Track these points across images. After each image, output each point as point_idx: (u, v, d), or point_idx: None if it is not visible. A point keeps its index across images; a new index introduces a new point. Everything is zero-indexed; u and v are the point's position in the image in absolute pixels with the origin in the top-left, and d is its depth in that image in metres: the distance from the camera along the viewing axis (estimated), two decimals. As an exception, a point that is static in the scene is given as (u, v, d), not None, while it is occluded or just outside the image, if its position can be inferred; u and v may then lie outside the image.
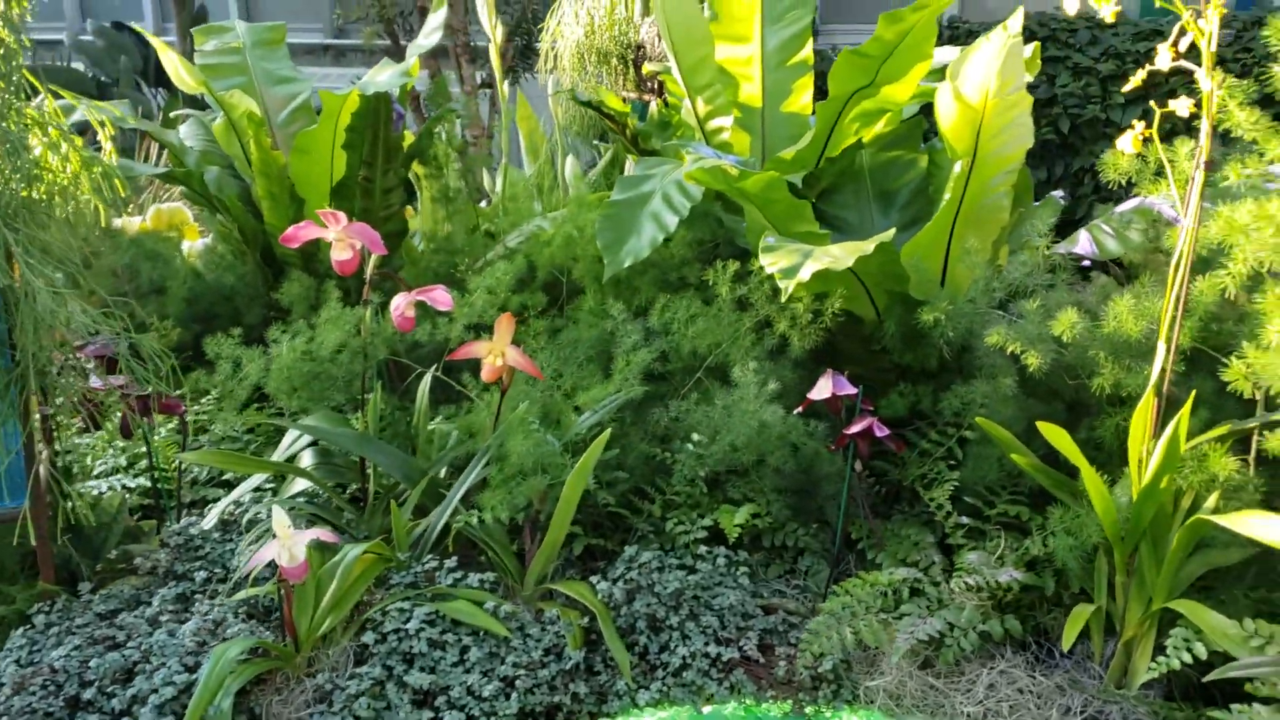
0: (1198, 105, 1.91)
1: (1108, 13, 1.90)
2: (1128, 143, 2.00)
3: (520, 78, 6.53)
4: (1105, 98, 5.57)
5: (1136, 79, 2.02)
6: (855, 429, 2.29)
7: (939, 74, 3.21)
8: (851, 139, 3.01)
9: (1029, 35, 5.73)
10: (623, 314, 2.69)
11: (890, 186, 3.09)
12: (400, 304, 2.43)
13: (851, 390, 2.34)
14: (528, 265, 2.97)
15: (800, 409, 2.43)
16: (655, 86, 3.66)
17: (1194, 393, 1.97)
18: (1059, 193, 3.02)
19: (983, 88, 2.43)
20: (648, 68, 3.63)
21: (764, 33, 3.23)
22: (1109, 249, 2.62)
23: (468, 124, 5.86)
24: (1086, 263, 2.71)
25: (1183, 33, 1.90)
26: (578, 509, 2.30)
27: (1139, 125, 1.97)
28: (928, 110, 3.00)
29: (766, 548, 2.50)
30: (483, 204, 4.02)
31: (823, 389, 2.34)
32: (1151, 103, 2.02)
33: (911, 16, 2.66)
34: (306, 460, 2.63)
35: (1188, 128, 2.03)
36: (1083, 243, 2.69)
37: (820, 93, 3.12)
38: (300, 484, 2.59)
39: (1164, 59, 1.92)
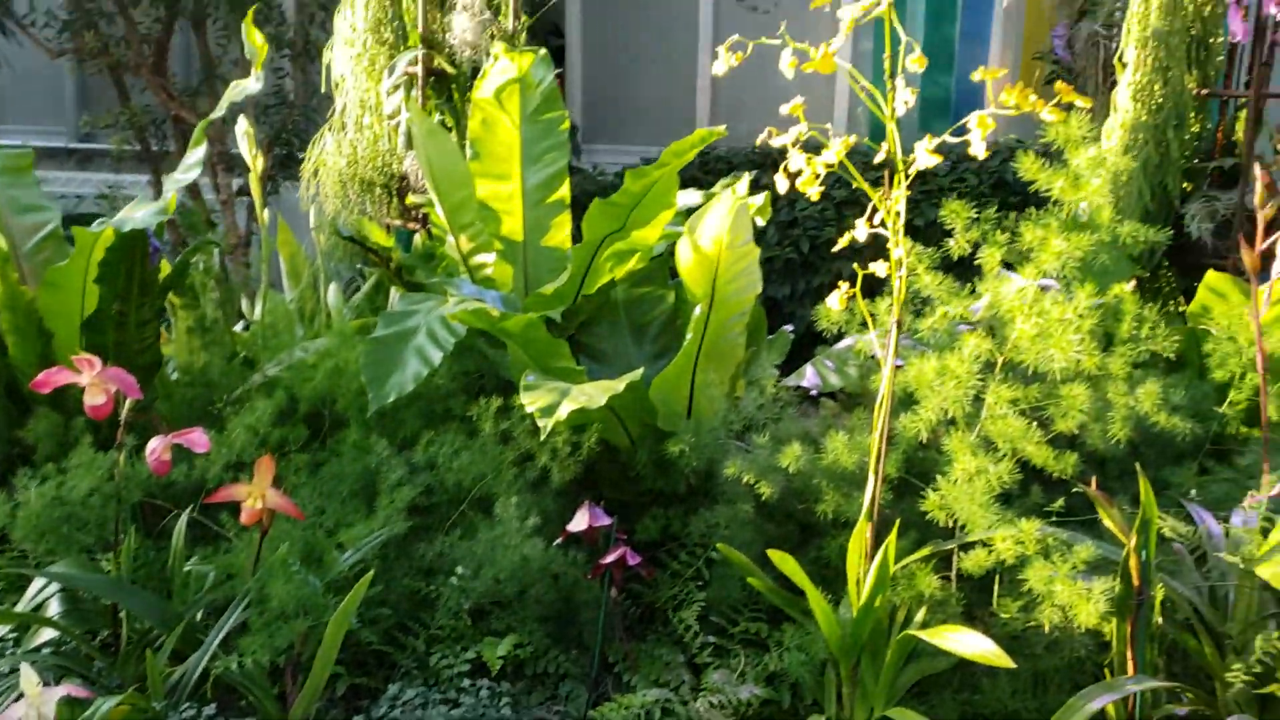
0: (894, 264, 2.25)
1: (813, 193, 2.23)
2: (835, 301, 2.33)
3: (280, 186, 6.54)
4: (840, 220, 6.15)
5: (843, 240, 2.37)
6: (610, 558, 2.49)
7: (685, 215, 3.54)
8: (607, 276, 3.26)
9: (774, 164, 6.29)
10: (387, 449, 2.80)
11: (643, 320, 3.37)
12: (156, 447, 2.45)
13: (607, 520, 2.54)
14: (289, 397, 3.03)
15: (560, 539, 2.60)
16: (420, 216, 3.82)
17: (898, 521, 2.28)
18: (789, 327, 3.38)
19: (717, 241, 2.75)
20: (411, 199, 3.80)
21: (524, 172, 3.47)
22: (831, 382, 2.97)
23: (224, 235, 5.82)
24: (814, 392, 3.05)
25: (874, 210, 2.25)
26: (341, 647, 2.36)
27: (844, 285, 2.31)
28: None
29: (529, 675, 2.63)
30: (239, 325, 4.03)
31: (580, 521, 2.53)
32: (855, 265, 2.35)
33: (655, 173, 2.96)
34: (54, 608, 2.57)
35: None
36: (809, 376, 3.02)
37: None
38: (47, 633, 2.53)
39: (861, 232, 2.26)
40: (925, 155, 1.97)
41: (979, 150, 1.93)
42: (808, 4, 6.59)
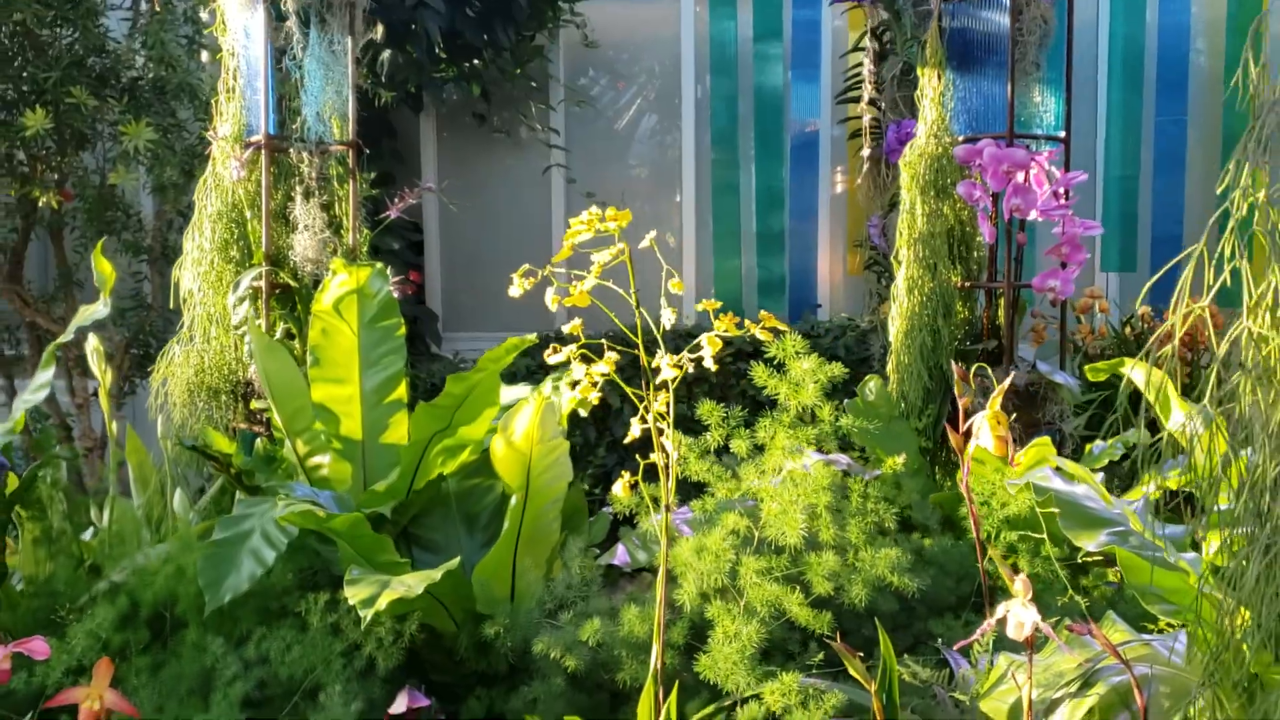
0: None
1: (593, 398, 2.71)
2: (619, 488, 2.79)
3: (137, 386, 6.85)
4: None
5: (630, 437, 2.84)
6: (429, 739, 2.84)
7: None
8: (438, 470, 3.68)
9: (598, 349, 6.86)
10: (223, 647, 3.12)
11: (473, 509, 3.78)
12: (-2, 657, 2.75)
13: (425, 702, 2.89)
14: (131, 602, 3.34)
15: (385, 722, 2.94)
16: (263, 420, 4.22)
17: (679, 683, 2.69)
18: (608, 508, 3.83)
19: (528, 437, 3.20)
20: (255, 403, 4.20)
21: (363, 375, 3.91)
22: (639, 559, 3.41)
23: (79, 437, 6.09)
24: (627, 569, 3.48)
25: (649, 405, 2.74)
26: (174, 839, 2.64)
27: (627, 475, 2.78)
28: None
29: None
30: (88, 533, 4.31)
31: (400, 704, 2.88)
32: (637, 455, 2.83)
33: (474, 377, 3.43)
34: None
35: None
36: (620, 554, 3.46)
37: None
38: None
39: (636, 429, 2.74)
40: (668, 369, 2.47)
41: (709, 364, 2.45)
42: (653, 197, 7.51)
